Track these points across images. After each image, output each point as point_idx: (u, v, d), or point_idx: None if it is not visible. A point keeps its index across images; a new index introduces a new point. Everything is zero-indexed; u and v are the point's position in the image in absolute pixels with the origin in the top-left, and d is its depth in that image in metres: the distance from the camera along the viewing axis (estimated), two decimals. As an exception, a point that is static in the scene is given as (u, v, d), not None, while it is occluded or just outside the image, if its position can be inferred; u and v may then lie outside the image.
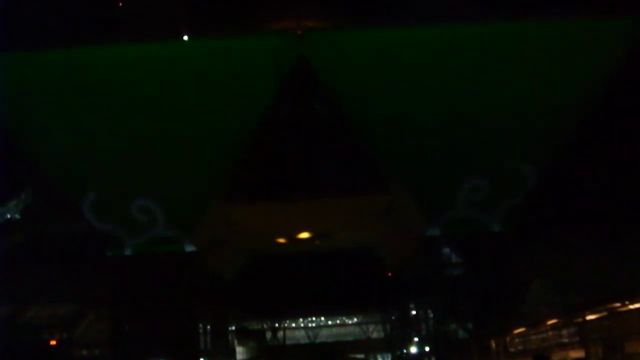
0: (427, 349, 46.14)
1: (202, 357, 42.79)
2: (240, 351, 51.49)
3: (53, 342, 37.43)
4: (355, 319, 54.75)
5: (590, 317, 22.75)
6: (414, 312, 48.34)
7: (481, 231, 15.91)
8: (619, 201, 22.56)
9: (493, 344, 32.30)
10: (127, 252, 15.47)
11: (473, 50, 13.62)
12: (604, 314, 21.93)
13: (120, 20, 21.34)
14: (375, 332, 54.23)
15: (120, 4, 22.83)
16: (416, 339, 47.28)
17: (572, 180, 23.11)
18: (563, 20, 14.07)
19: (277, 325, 52.79)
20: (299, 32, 13.91)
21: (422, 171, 14.73)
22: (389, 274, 42.02)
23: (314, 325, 54.56)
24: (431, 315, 45.64)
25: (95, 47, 13.91)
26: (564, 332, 25.73)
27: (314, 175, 26.80)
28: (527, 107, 13.95)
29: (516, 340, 30.77)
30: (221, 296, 40.89)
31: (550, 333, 26.94)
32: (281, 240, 34.45)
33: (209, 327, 44.59)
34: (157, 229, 14.99)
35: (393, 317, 52.07)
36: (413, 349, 47.92)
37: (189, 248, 15.47)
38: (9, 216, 34.79)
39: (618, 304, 20.73)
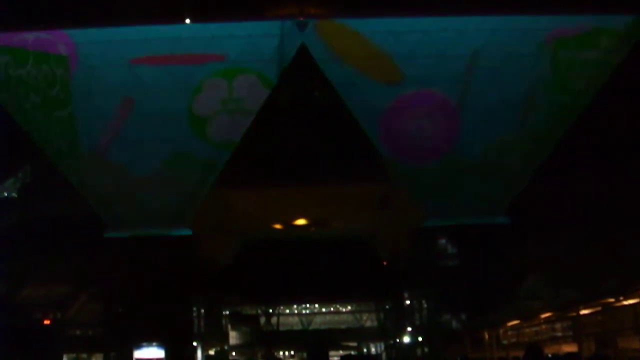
0: (420, 338, 46.33)
1: (196, 341, 42.96)
2: (233, 336, 51.62)
3: (47, 322, 37.59)
4: (349, 307, 54.86)
5: (583, 311, 22.82)
6: (408, 302, 48.49)
7: (478, 223, 15.81)
8: (615, 198, 22.61)
9: (486, 336, 32.41)
10: (124, 234, 15.35)
11: (476, 42, 13.53)
12: (598, 309, 21.99)
13: (121, 1, 21.27)
14: (369, 320, 54.33)
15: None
16: (409, 329, 47.45)
17: (569, 175, 23.16)
18: (565, 15, 13.98)
19: (271, 311, 52.89)
20: (300, 18, 13.77)
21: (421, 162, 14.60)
22: (385, 263, 42.07)
23: (307, 312, 54.68)
24: (425, 305, 45.81)
25: (95, 28, 13.77)
26: (557, 326, 25.82)
27: (311, 163, 26.83)
28: (527, 103, 13.85)
29: (509, 332, 30.88)
30: (216, 281, 40.95)
31: (543, 326, 27.02)
32: (277, 227, 34.50)
33: (202, 311, 44.72)
34: (153, 212, 14.88)
35: (387, 307, 52.18)
36: (406, 339, 48.09)
37: (186, 232, 15.35)
38: (6, 195, 34.80)
39: (612, 300, 20.79)
